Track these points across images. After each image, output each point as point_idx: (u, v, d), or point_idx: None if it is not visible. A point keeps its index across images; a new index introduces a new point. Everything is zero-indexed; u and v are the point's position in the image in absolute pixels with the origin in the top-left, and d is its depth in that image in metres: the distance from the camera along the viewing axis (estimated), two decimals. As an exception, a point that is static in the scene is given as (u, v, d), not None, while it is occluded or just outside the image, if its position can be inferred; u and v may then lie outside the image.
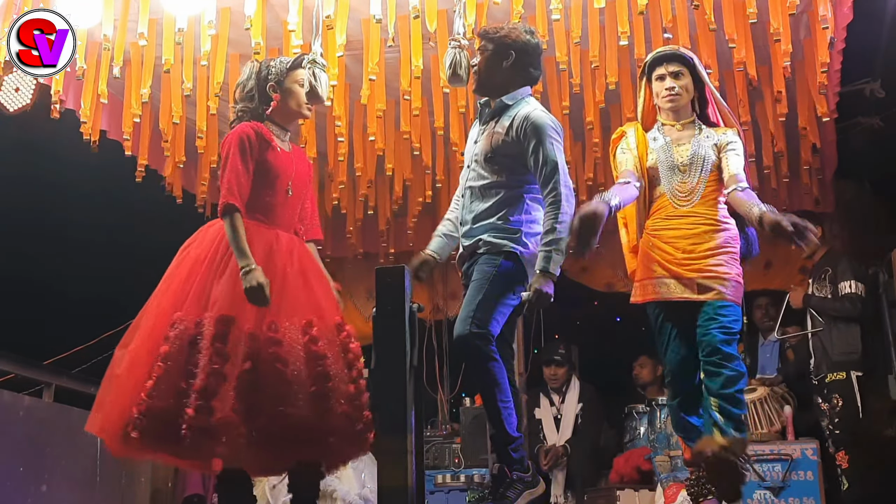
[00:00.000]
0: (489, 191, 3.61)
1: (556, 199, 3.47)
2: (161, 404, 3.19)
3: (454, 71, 3.88)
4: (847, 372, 5.32)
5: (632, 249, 4.05)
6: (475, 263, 3.59)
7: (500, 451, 3.51)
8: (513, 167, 3.59)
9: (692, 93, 3.93)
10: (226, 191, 3.39)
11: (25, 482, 4.74)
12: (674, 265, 3.78)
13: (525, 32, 3.71)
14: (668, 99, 3.89)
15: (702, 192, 3.84)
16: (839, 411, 5.29)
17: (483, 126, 3.72)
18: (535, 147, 3.52)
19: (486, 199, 3.60)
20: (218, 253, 3.41)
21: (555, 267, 3.43)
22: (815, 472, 5.49)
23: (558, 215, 3.45)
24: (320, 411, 3.23)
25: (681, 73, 3.89)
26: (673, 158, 3.88)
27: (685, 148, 3.89)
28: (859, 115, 6.17)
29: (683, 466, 5.36)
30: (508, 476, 3.44)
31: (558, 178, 3.48)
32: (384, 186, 6.56)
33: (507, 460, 3.47)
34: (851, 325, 5.39)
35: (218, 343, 3.23)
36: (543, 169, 3.50)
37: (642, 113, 4.07)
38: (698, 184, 3.85)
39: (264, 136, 3.52)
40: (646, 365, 6.98)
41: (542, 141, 3.51)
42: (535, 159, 3.52)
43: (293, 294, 3.39)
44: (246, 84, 3.62)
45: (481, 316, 3.43)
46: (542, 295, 3.41)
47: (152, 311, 3.41)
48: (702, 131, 3.91)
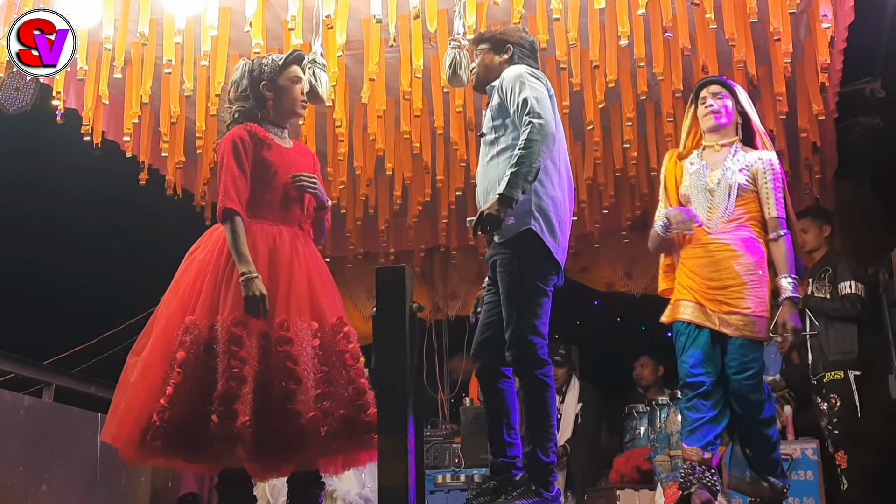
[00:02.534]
0: (492, 163, 3.55)
1: (526, 127, 3.35)
2: (182, 411, 3.19)
3: (454, 71, 3.89)
4: (844, 371, 5.30)
5: (665, 269, 4.14)
6: (497, 254, 3.52)
7: (534, 472, 3.46)
8: (508, 133, 3.52)
9: (734, 114, 3.99)
10: (223, 195, 3.39)
11: (25, 482, 4.74)
12: (697, 293, 3.88)
13: (519, 30, 3.75)
14: (706, 115, 3.98)
15: (729, 215, 3.89)
16: (837, 411, 5.29)
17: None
18: (511, 92, 3.46)
19: (491, 172, 3.53)
20: (222, 256, 3.40)
21: (512, 191, 3.29)
22: (814, 471, 5.49)
23: (525, 141, 3.33)
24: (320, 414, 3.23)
25: (721, 94, 3.97)
26: (704, 182, 3.94)
27: (716, 172, 3.95)
28: (859, 115, 6.16)
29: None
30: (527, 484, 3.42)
31: (531, 109, 3.37)
32: (384, 186, 6.56)
33: (538, 481, 3.44)
34: (849, 324, 5.38)
35: (234, 346, 3.22)
36: (519, 108, 3.42)
37: (688, 140, 4.14)
38: (726, 207, 3.90)
39: (259, 136, 3.51)
40: (647, 365, 6.99)
41: (516, 84, 3.45)
42: (513, 103, 3.46)
43: (302, 293, 3.39)
44: (240, 83, 3.59)
45: (526, 333, 3.40)
46: (484, 218, 3.31)
47: (162, 317, 3.40)
48: (735, 154, 3.96)
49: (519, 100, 3.42)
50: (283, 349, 3.25)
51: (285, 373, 3.23)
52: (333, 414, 3.25)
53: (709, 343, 3.88)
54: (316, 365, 3.29)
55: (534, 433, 3.47)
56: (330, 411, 3.24)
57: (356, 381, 3.34)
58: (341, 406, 3.28)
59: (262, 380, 3.22)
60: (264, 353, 3.26)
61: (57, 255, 7.92)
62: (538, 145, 3.32)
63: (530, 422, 3.51)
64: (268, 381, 3.23)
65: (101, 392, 5.47)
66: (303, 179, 3.52)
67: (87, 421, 5.24)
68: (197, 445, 3.19)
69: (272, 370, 3.24)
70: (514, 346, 3.42)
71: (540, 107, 3.39)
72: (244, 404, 3.17)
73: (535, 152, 3.31)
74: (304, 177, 3.52)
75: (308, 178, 3.53)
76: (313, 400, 3.23)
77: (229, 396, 3.16)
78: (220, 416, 3.14)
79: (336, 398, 3.28)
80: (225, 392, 3.16)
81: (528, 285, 3.45)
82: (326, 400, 3.25)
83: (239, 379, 3.19)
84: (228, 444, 3.15)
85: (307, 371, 3.26)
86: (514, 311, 3.43)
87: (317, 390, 3.25)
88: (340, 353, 3.36)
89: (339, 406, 3.27)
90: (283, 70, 3.59)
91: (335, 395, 3.28)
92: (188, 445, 3.22)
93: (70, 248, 7.76)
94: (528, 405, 3.51)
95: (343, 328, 3.41)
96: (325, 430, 3.21)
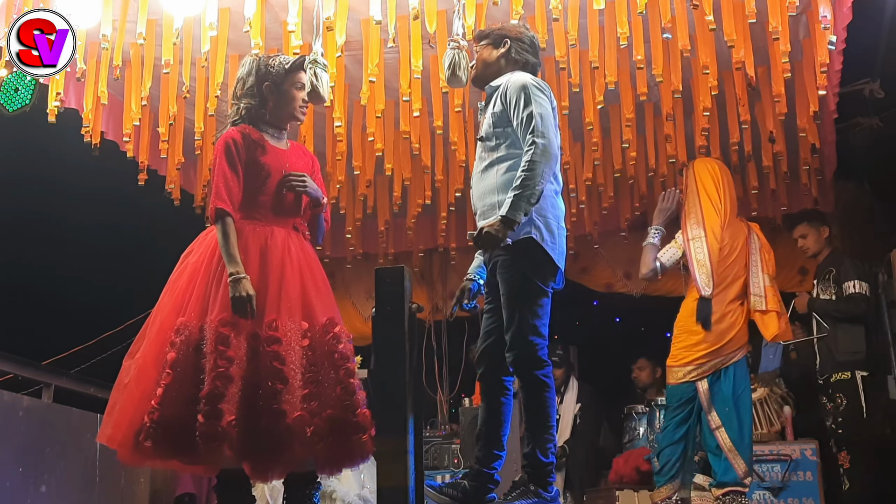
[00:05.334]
0: (490, 169, 3.55)
1: (530, 146, 3.36)
2: (172, 412, 3.19)
3: (453, 72, 3.89)
4: (852, 372, 5.31)
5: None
6: (496, 256, 3.52)
7: (533, 473, 3.46)
8: (508, 139, 3.52)
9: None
10: (215, 196, 3.40)
11: (25, 482, 4.73)
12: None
13: (520, 26, 3.75)
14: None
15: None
16: (842, 411, 5.29)
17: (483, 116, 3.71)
18: (516, 103, 3.46)
19: (488, 178, 3.54)
20: (215, 258, 3.40)
21: (515, 213, 3.30)
22: (814, 472, 5.50)
23: (529, 163, 3.34)
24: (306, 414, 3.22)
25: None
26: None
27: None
28: (859, 116, 6.17)
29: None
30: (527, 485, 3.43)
31: (535, 128, 3.38)
32: (383, 186, 6.56)
33: (537, 482, 3.44)
34: (856, 325, 5.38)
35: (221, 346, 3.22)
36: (523, 122, 3.43)
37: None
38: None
39: (252, 138, 3.51)
40: (644, 367, 6.99)
41: (520, 96, 3.45)
42: (517, 116, 3.46)
43: (293, 293, 3.38)
44: (246, 80, 3.58)
45: (527, 335, 3.40)
46: (483, 236, 3.32)
47: (157, 320, 3.41)
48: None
49: (523, 114, 3.43)
50: (271, 349, 3.25)
51: (272, 372, 3.23)
52: (320, 414, 3.23)
53: None
54: (304, 365, 3.28)
55: (533, 434, 3.48)
56: (317, 411, 3.23)
57: (345, 382, 3.32)
58: (329, 406, 3.26)
59: (251, 380, 3.22)
60: (253, 353, 3.25)
61: (56, 255, 7.92)
62: (541, 167, 3.34)
63: (530, 422, 3.51)
64: (256, 381, 3.22)
65: (101, 393, 5.47)
66: (290, 179, 3.51)
67: (87, 422, 5.23)
68: (186, 446, 3.19)
69: (260, 370, 3.24)
70: (514, 346, 3.43)
71: (544, 125, 3.40)
72: (230, 404, 3.17)
73: (538, 174, 3.33)
74: (293, 176, 3.51)
75: (296, 176, 3.51)
76: (300, 400, 3.22)
77: (215, 396, 3.16)
78: (206, 415, 3.15)
79: (324, 398, 3.27)
80: (211, 392, 3.17)
81: (528, 285, 3.45)
82: (314, 400, 3.24)
83: (225, 378, 3.18)
84: (214, 444, 3.14)
85: (295, 371, 3.25)
86: (515, 312, 3.43)
87: (304, 390, 3.24)
88: (330, 354, 3.34)
89: (327, 406, 3.26)
90: (288, 75, 3.58)
91: (323, 395, 3.27)
92: (178, 446, 3.22)
93: (69, 248, 7.76)
94: (528, 406, 3.51)
95: (333, 328, 3.39)
96: (311, 431, 3.20)
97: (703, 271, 4.74)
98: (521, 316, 3.42)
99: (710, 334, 4.75)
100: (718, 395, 4.74)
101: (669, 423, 4.89)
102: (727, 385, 4.74)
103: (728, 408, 4.70)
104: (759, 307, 4.82)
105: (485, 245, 3.36)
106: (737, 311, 4.83)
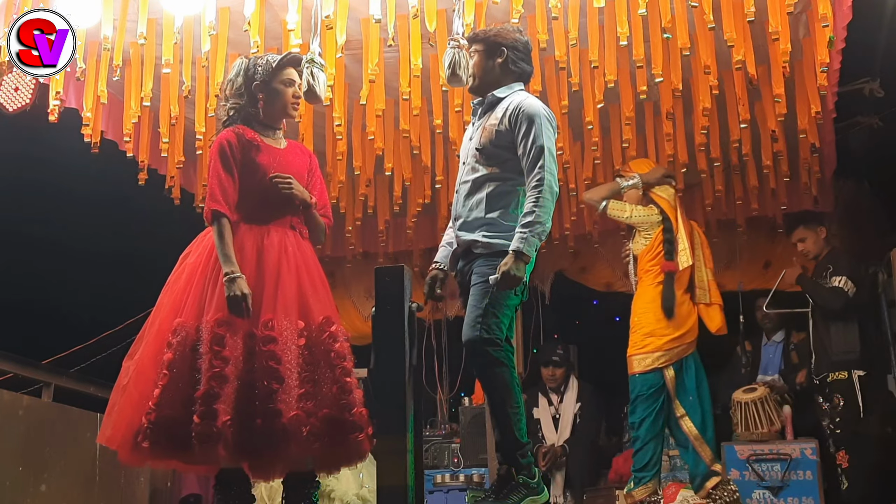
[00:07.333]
0: (482, 184, 3.59)
1: (539, 182, 3.43)
2: (169, 413, 3.20)
3: (453, 71, 3.88)
4: (848, 371, 5.31)
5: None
6: (472, 263, 3.57)
7: (508, 455, 3.47)
8: (506, 159, 3.57)
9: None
10: (210, 197, 3.43)
11: (25, 482, 4.74)
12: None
13: (514, 31, 3.77)
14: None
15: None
16: (840, 411, 5.29)
17: (478, 122, 3.73)
18: (526, 132, 3.51)
19: (479, 192, 3.58)
20: (212, 259, 3.42)
21: (528, 248, 3.37)
22: (814, 471, 5.50)
23: (539, 199, 3.41)
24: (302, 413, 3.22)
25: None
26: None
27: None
28: (858, 115, 6.17)
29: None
30: (514, 479, 3.42)
31: (544, 164, 3.44)
32: (383, 186, 6.56)
33: (515, 465, 3.44)
34: (849, 323, 5.38)
35: (216, 346, 3.23)
36: (530, 153, 3.48)
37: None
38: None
39: (246, 138, 3.51)
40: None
41: (531, 126, 3.50)
42: (524, 144, 3.51)
43: (289, 292, 3.38)
44: (235, 81, 3.60)
45: (489, 321, 3.41)
46: (507, 276, 3.35)
47: (155, 321, 3.42)
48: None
49: (532, 146, 3.48)
50: (267, 348, 3.26)
51: (268, 372, 3.24)
52: (316, 413, 3.24)
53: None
54: (301, 364, 3.29)
55: (497, 416, 3.47)
56: (313, 411, 3.24)
57: (341, 381, 3.32)
58: (325, 405, 3.27)
59: (247, 379, 3.23)
60: (249, 352, 3.26)
61: (56, 254, 7.93)
62: (550, 204, 3.44)
63: (492, 402, 3.51)
64: (252, 381, 3.23)
65: (100, 392, 5.47)
66: (278, 181, 3.51)
67: (86, 421, 5.24)
68: (184, 446, 3.20)
69: (256, 369, 3.24)
70: (470, 326, 3.43)
71: (552, 160, 3.49)
72: (226, 404, 3.17)
73: (547, 211, 3.42)
74: (279, 177, 3.51)
75: (282, 178, 3.51)
76: (296, 399, 3.23)
77: (210, 396, 3.17)
78: (201, 415, 3.15)
79: (320, 397, 3.28)
80: (206, 392, 3.17)
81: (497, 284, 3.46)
82: (309, 399, 3.25)
83: (221, 378, 3.19)
84: (210, 444, 3.15)
85: (291, 370, 3.26)
86: (481, 303, 3.44)
87: (300, 389, 3.25)
88: (326, 353, 3.35)
89: (323, 405, 3.27)
90: (276, 72, 3.59)
91: (319, 394, 3.28)
92: (175, 447, 3.23)
93: (69, 248, 7.77)
94: (485, 386, 3.52)
95: (330, 327, 3.39)
96: (307, 430, 3.20)
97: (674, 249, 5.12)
98: (488, 305, 3.42)
99: (672, 321, 5.02)
100: (681, 385, 4.99)
101: (649, 414, 4.97)
102: (689, 376, 5.00)
103: (692, 397, 4.96)
104: (703, 300, 5.15)
105: (511, 286, 3.39)
106: (688, 302, 5.13)
